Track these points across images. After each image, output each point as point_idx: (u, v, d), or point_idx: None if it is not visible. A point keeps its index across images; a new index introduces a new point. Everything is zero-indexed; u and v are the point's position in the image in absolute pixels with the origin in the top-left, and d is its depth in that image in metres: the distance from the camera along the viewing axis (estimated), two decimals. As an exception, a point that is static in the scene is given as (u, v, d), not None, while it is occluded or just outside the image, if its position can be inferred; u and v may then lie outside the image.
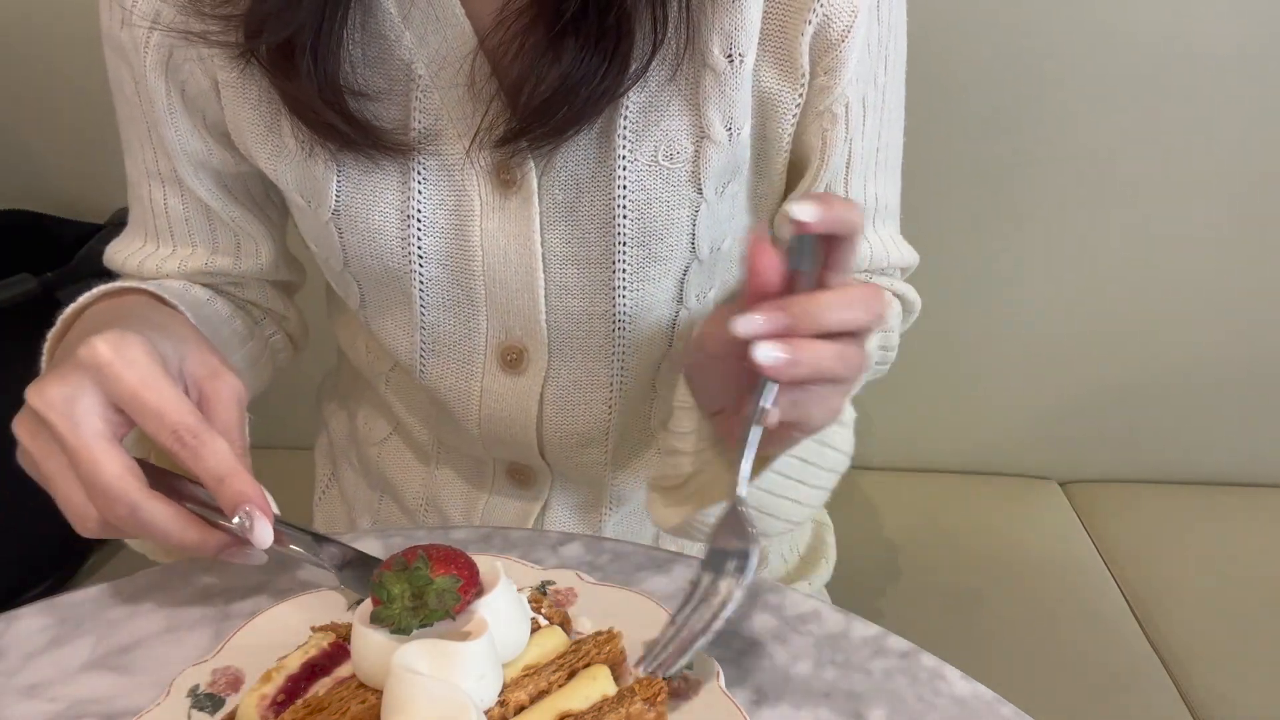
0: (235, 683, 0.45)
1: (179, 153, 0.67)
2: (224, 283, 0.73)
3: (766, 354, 0.46)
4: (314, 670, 0.44)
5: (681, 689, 0.45)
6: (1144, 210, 1.16)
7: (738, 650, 0.50)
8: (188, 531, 0.49)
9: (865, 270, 0.71)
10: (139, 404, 0.47)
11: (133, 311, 0.59)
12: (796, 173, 0.67)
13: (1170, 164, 1.13)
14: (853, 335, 0.47)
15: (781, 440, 0.52)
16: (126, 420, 0.48)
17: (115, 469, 0.47)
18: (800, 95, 0.62)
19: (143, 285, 0.63)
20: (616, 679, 0.44)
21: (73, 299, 0.73)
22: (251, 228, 0.72)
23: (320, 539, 0.53)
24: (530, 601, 0.47)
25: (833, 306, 0.46)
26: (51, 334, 0.60)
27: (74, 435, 0.46)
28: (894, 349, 0.74)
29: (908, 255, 0.74)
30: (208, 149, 0.67)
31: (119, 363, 0.47)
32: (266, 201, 0.74)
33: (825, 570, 0.87)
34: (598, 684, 0.43)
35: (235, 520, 0.48)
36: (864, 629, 0.52)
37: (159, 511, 0.48)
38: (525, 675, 0.42)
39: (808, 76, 0.61)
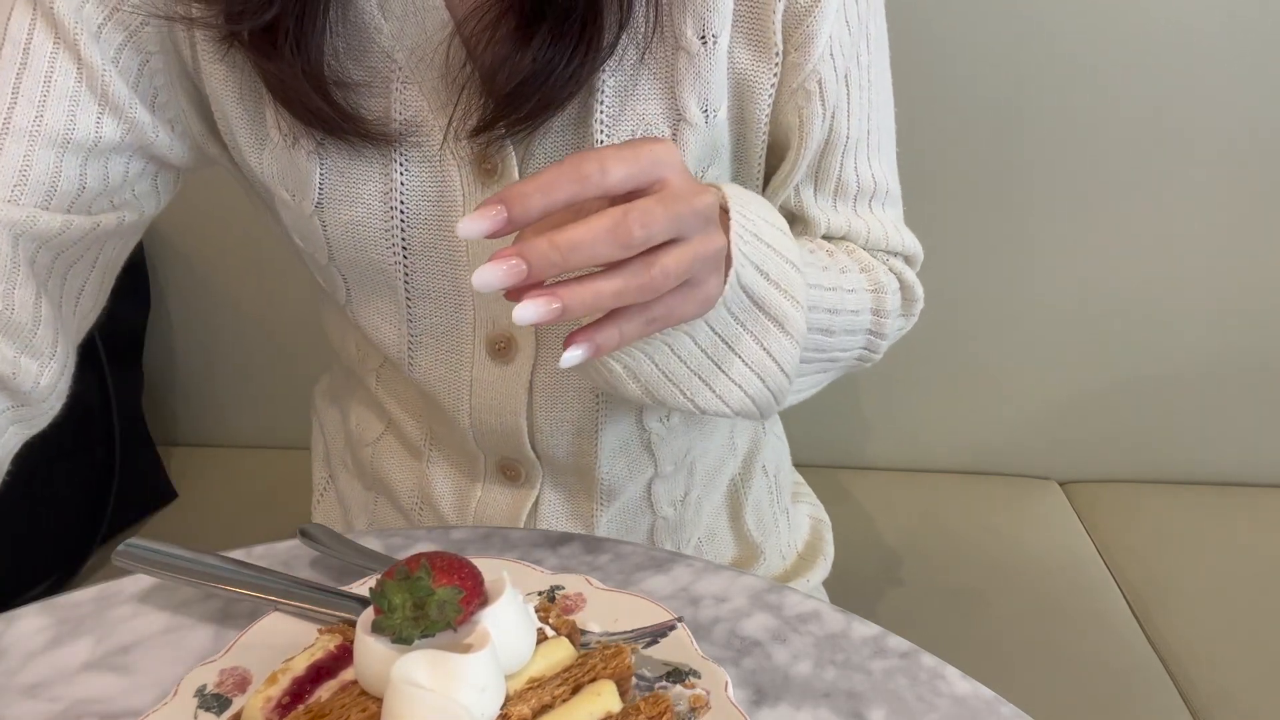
0: (242, 683, 0.45)
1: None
2: None
3: (523, 315, 0.44)
4: (319, 673, 0.43)
5: (689, 709, 0.44)
6: (1144, 210, 1.16)
7: (737, 650, 0.50)
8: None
9: (865, 248, 0.70)
10: None
11: None
12: (777, 156, 0.67)
13: (1172, 163, 1.13)
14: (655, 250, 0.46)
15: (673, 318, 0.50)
16: None
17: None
18: (775, 74, 0.62)
19: None
20: (622, 695, 0.43)
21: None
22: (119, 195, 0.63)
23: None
24: (538, 610, 0.46)
25: (577, 246, 0.44)
26: None
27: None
28: (886, 336, 0.70)
29: (910, 243, 0.73)
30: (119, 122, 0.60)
31: None
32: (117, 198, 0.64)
33: (823, 568, 0.87)
34: (602, 700, 0.42)
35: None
36: (864, 629, 0.52)
37: None
38: (529, 688, 0.42)
39: (781, 54, 0.61)
